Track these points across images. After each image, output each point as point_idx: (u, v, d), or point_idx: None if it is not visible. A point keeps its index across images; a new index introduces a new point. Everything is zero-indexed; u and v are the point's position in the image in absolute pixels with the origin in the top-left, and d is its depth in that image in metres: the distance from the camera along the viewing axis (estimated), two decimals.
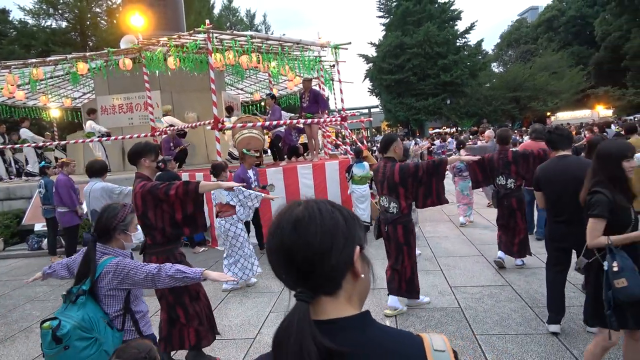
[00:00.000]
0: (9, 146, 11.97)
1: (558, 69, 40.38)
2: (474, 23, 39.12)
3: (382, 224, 4.64)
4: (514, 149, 6.39)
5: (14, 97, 12.76)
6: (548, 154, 4.49)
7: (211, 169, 6.09)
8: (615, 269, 2.73)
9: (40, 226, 9.38)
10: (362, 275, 0.97)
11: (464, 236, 7.74)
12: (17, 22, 31.26)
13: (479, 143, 10.87)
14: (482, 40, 39.68)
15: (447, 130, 39.18)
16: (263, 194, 5.96)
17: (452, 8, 39.04)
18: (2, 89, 11.54)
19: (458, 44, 38.50)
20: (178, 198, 3.40)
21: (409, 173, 4.36)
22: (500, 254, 5.81)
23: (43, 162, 9.32)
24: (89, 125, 10.98)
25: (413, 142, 27.04)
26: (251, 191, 5.86)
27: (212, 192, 5.97)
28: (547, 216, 3.96)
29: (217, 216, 5.96)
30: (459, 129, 38.89)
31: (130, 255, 2.68)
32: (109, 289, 2.45)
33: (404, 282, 4.59)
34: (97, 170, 6.12)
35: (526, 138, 13.86)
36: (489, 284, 5.32)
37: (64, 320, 2.28)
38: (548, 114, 38.71)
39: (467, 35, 39.39)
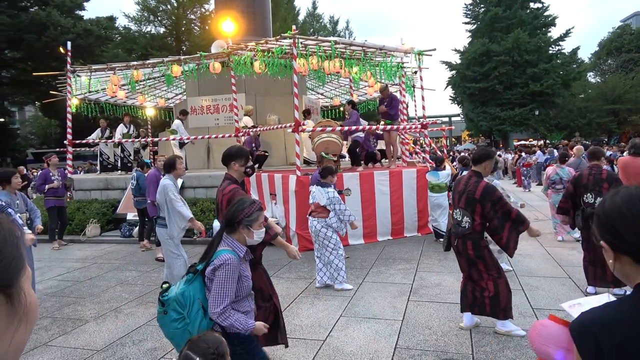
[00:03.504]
0: (110, 141, 13.10)
1: None
2: (569, 29, 36.76)
3: (453, 237, 4.45)
4: (607, 168, 5.90)
5: (116, 96, 13.97)
6: None
7: (320, 170, 6.30)
8: None
9: (131, 215, 10.15)
10: None
11: (549, 255, 7.25)
12: (122, 28, 34.20)
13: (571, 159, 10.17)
14: (577, 48, 37.13)
15: (535, 142, 37.04)
16: (354, 217, 6.09)
17: (545, 14, 36.94)
18: (107, 88, 12.69)
19: (551, 52, 36.33)
20: None
21: (491, 197, 4.16)
22: (590, 289, 5.33)
23: (149, 161, 10.13)
24: (176, 123, 11.68)
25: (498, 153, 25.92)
26: (347, 208, 6.00)
27: (312, 191, 6.25)
28: None
29: (309, 215, 6.16)
30: (547, 141, 36.62)
31: (245, 251, 2.66)
32: (206, 276, 2.57)
33: (487, 299, 4.31)
34: (164, 166, 5.96)
35: (625, 154, 12.73)
36: None
37: (172, 288, 2.54)
38: None
39: (561, 43, 37.10)
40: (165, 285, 2.57)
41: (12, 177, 5.64)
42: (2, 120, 34.62)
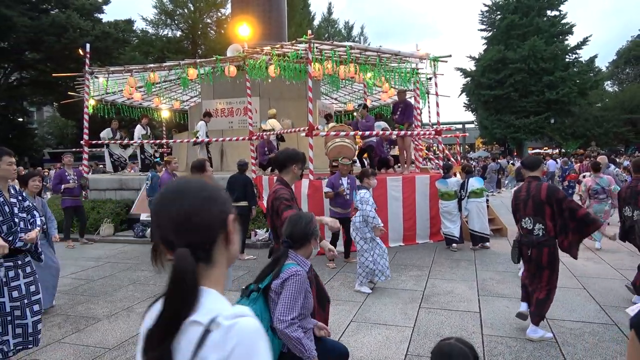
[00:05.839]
0: (119, 142, 13.26)
1: None
2: (587, 38, 36.32)
3: (525, 247, 4.41)
4: None
5: (132, 97, 14.14)
6: None
7: (359, 174, 6.51)
8: None
9: (145, 216, 10.24)
10: None
11: (564, 265, 7.10)
12: (139, 32, 34.65)
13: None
14: (595, 57, 36.67)
15: (549, 151, 36.64)
16: (381, 224, 6.01)
17: (563, 22, 36.59)
18: (123, 90, 12.86)
19: (567, 60, 35.93)
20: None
21: (556, 197, 4.19)
22: (635, 298, 5.31)
23: (158, 159, 10.22)
24: (200, 125, 11.73)
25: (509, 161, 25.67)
26: (373, 213, 5.96)
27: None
28: None
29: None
30: (563, 150, 36.21)
31: (309, 266, 2.70)
32: (273, 291, 2.51)
33: (535, 299, 4.37)
34: (191, 168, 5.91)
35: None
36: (591, 320, 4.85)
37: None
38: None
39: (578, 51, 36.67)
40: None
41: (29, 179, 5.48)
42: (20, 120, 35.23)
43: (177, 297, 0.94)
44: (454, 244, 8.34)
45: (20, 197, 3.86)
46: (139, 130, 13.10)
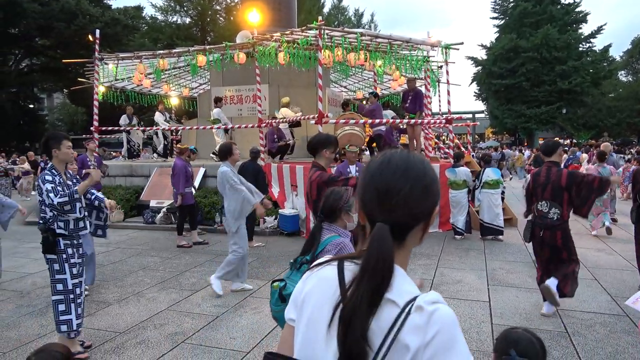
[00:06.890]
0: (141, 128, 13.32)
1: None
2: (601, 26, 35.64)
3: (538, 228, 4.53)
4: None
5: (141, 84, 14.14)
6: None
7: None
8: None
9: (154, 203, 10.29)
10: None
11: None
12: (148, 18, 34.61)
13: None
14: (609, 46, 36.01)
15: (560, 141, 36.28)
16: None
17: (577, 10, 35.90)
18: (133, 76, 12.86)
19: (581, 49, 35.34)
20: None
21: (576, 180, 4.35)
22: None
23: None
24: (217, 112, 11.68)
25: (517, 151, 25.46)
26: None
27: None
28: None
29: None
30: (574, 140, 35.80)
31: (350, 236, 2.80)
32: None
33: (561, 275, 4.45)
34: (219, 152, 6.04)
35: None
36: (603, 311, 4.80)
37: (289, 282, 2.50)
38: None
39: (592, 40, 36.02)
40: (276, 284, 2.49)
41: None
42: (31, 106, 35.48)
43: (378, 275, 0.94)
44: (456, 235, 8.34)
45: (74, 180, 4.08)
46: (160, 117, 13.10)
